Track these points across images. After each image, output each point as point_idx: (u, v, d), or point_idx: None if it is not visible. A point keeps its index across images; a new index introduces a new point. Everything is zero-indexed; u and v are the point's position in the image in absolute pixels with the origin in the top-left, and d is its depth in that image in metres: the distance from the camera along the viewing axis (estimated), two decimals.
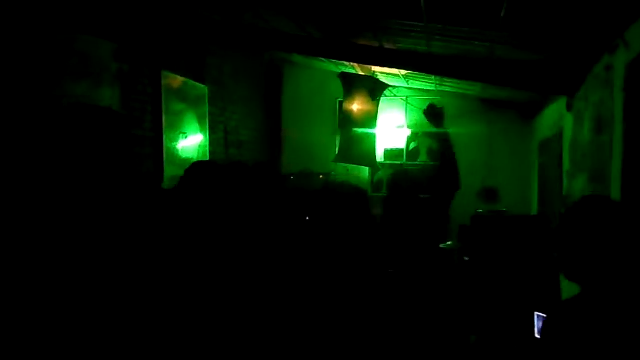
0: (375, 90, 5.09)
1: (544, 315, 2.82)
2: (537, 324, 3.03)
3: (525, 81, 4.08)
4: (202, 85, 4.85)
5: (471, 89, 5.51)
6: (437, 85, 5.64)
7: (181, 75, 4.47)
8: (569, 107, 4.00)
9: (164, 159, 4.19)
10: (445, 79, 5.17)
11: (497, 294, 4.38)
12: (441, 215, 3.70)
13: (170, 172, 4.28)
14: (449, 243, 5.27)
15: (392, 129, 6.31)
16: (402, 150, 6.29)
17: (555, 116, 4.65)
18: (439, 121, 4.24)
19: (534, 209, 5.55)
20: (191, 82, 4.66)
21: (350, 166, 5.85)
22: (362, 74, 5.17)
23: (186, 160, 4.54)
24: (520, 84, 4.13)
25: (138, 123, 3.88)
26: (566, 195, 4.10)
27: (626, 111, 2.82)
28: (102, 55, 3.55)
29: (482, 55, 3.92)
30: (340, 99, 5.69)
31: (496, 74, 4.06)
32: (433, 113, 3.69)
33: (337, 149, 6.01)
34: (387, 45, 4.19)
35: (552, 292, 4.05)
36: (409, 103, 6.30)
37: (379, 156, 6.19)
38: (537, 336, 2.84)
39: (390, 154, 6.32)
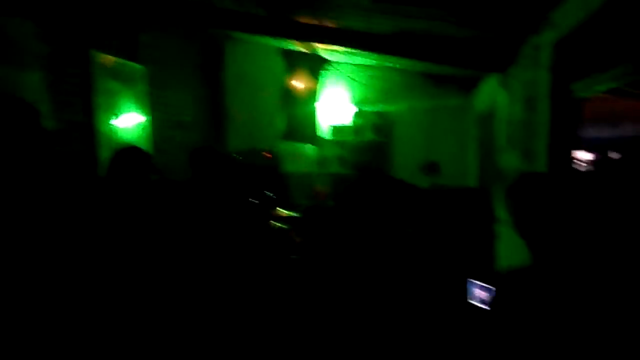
0: (315, 66, 5.07)
1: (477, 282, 2.97)
2: (470, 290, 3.17)
3: (461, 58, 4.16)
4: (138, 65, 4.65)
5: (412, 64, 5.57)
6: (379, 61, 5.66)
7: (113, 55, 4.26)
8: (502, 84, 4.12)
9: (99, 142, 4.02)
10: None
11: (437, 262, 4.57)
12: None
13: (107, 155, 4.13)
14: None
15: (337, 105, 6.31)
16: (347, 126, 6.31)
17: (491, 91, 4.78)
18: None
19: (473, 182, 5.75)
20: (125, 62, 4.46)
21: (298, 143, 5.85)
22: (304, 50, 5.11)
23: (124, 143, 4.39)
24: (456, 61, 4.22)
25: (67, 106, 3.70)
26: (501, 168, 4.27)
27: (553, 91, 2.94)
28: (25, 37, 3.33)
29: (421, 32, 3.96)
30: (284, 72, 5.62)
31: (434, 51, 4.12)
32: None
33: (282, 126, 5.98)
34: (327, 23, 4.16)
35: (488, 260, 4.27)
36: (352, 78, 6.30)
37: (325, 133, 6.20)
38: (470, 301, 2.97)
39: (336, 130, 6.33)
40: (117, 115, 4.30)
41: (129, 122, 4.47)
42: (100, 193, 2.85)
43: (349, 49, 4.54)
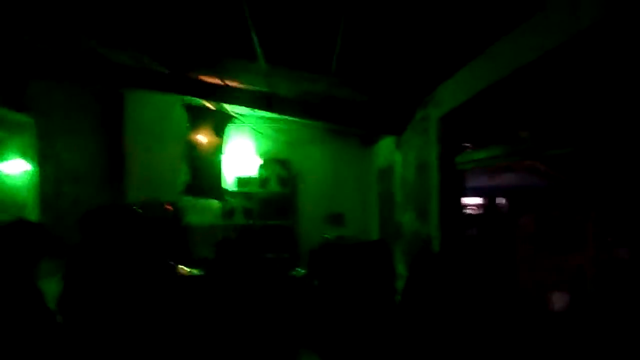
0: (220, 122, 5.06)
1: None
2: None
3: (359, 120, 4.38)
4: (25, 116, 4.34)
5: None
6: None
7: None
8: (398, 146, 4.39)
9: None
10: None
11: (342, 313, 4.63)
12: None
13: None
14: (298, 269, 5.43)
15: (242, 156, 6.31)
16: (253, 178, 6.31)
17: (389, 148, 5.06)
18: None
19: (376, 234, 5.96)
20: (9, 112, 4.14)
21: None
22: (208, 105, 5.09)
23: (10, 202, 4.04)
24: (354, 123, 4.43)
25: None
26: (398, 223, 4.49)
27: (441, 160, 3.18)
28: None
29: (323, 94, 4.13)
30: (187, 124, 5.52)
31: (334, 113, 4.30)
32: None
33: (185, 178, 5.83)
34: (230, 82, 4.19)
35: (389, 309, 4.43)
36: (258, 131, 6.36)
37: (230, 184, 6.14)
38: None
39: (241, 182, 6.29)
40: (1, 171, 3.95)
41: (15, 178, 4.13)
42: None
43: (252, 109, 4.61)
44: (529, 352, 3.27)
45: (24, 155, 4.27)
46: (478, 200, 6.86)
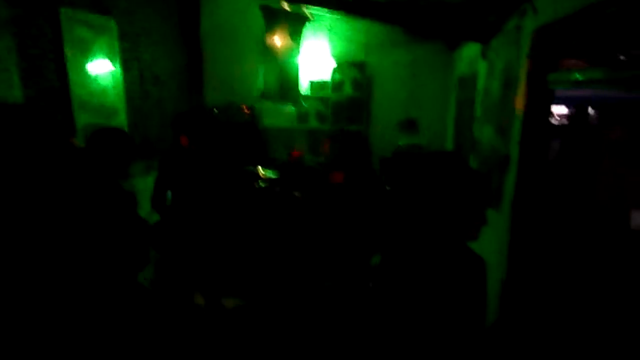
0: (297, 24, 4.92)
1: None
2: None
3: (444, 25, 4.10)
4: (110, 19, 4.45)
5: None
6: None
7: (84, 11, 4.06)
8: (483, 55, 4.11)
9: (74, 107, 3.93)
10: None
11: (410, 223, 4.75)
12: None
13: (84, 120, 4.05)
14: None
15: (317, 59, 6.19)
16: (327, 82, 6.23)
17: (472, 55, 4.75)
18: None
19: (450, 144, 5.83)
20: (96, 16, 4.26)
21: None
22: (285, 6, 4.93)
23: (100, 105, 4.30)
24: (438, 28, 4.16)
25: (38, 73, 3.57)
26: (476, 138, 4.35)
27: (530, 76, 2.96)
28: None
29: None
30: (263, 27, 5.44)
31: (420, 18, 4.04)
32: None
33: (261, 83, 5.88)
34: None
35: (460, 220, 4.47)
36: (334, 32, 6.15)
37: (304, 89, 6.12)
38: None
39: (315, 86, 6.25)
40: (90, 77, 4.17)
41: (102, 82, 4.35)
42: (80, 170, 2.85)
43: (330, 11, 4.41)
44: (605, 267, 3.22)
45: (109, 56, 4.44)
46: (564, 109, 6.41)
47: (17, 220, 2.47)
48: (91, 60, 4.18)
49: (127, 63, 4.77)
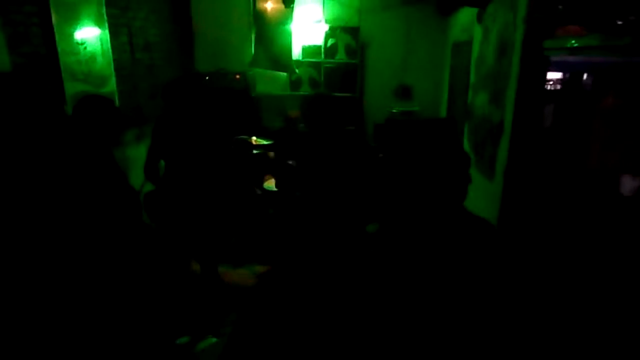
0: None
1: None
2: None
3: None
4: None
5: None
6: None
7: None
8: (479, 19, 4.05)
9: (62, 75, 3.86)
10: None
11: (404, 189, 4.78)
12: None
13: (73, 88, 3.98)
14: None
15: (309, 24, 6.06)
16: (319, 47, 6.12)
17: (467, 20, 4.68)
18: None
19: (444, 110, 5.81)
20: None
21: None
22: None
23: (89, 73, 4.22)
24: None
25: (25, 39, 3.49)
26: (470, 105, 4.33)
27: (526, 42, 2.94)
28: None
29: None
30: None
31: None
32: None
33: (252, 49, 5.78)
34: None
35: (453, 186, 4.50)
36: None
37: (297, 54, 6.02)
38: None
39: (308, 51, 6.14)
40: (79, 44, 4.08)
41: (91, 49, 4.25)
42: (69, 138, 2.83)
43: None
44: (596, 232, 3.28)
45: (97, 23, 4.33)
46: (558, 74, 6.38)
47: (11, 187, 2.46)
48: (79, 27, 4.08)
49: (116, 29, 4.66)
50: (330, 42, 6.14)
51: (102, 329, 2.46)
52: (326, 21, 6.10)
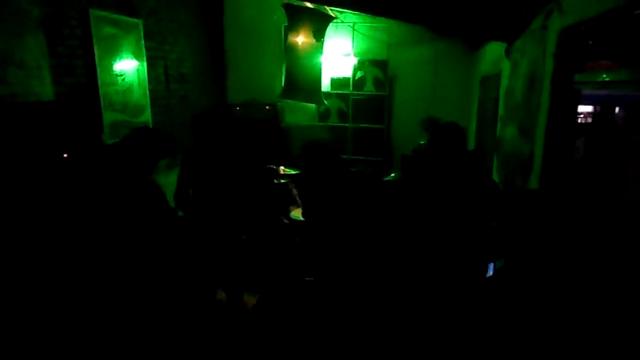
0: (320, 22, 4.94)
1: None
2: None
3: (468, 24, 4.07)
4: (136, 20, 4.54)
5: None
6: None
7: (112, 12, 4.16)
8: (507, 54, 4.07)
9: (101, 105, 4.03)
10: None
11: (431, 223, 4.73)
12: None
13: (110, 118, 4.15)
14: (392, 175, 5.49)
15: (338, 57, 6.20)
16: (348, 79, 6.24)
17: (495, 55, 4.71)
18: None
19: (472, 143, 5.79)
20: (124, 17, 4.35)
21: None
22: (308, 4, 4.96)
23: (126, 103, 4.39)
24: (463, 29, 4.13)
25: (69, 70, 3.68)
26: (499, 137, 4.31)
27: (556, 76, 2.94)
28: (20, 1, 3.25)
29: None
30: (285, 24, 5.48)
31: (442, 16, 4.02)
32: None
33: (282, 81, 5.91)
34: None
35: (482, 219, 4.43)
36: (356, 30, 6.15)
37: (325, 86, 6.13)
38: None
39: (336, 83, 6.27)
40: (117, 75, 4.26)
41: (129, 80, 4.44)
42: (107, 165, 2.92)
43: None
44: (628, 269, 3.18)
45: (135, 55, 4.53)
46: (589, 108, 6.29)
47: (48, 214, 2.55)
48: (118, 60, 4.27)
49: (153, 62, 4.86)
50: (358, 74, 6.25)
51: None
52: (355, 54, 6.23)
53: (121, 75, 4.31)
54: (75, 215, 2.44)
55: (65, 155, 3.26)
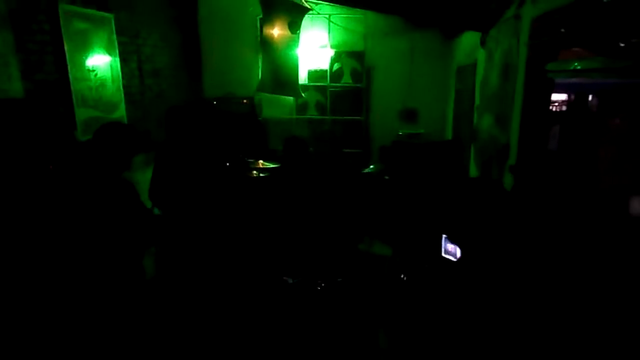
0: (295, 14, 4.89)
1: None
2: (444, 245, 3.35)
3: (442, 13, 4.09)
4: (108, 14, 4.44)
5: None
6: None
7: (82, 6, 4.05)
8: (482, 43, 4.10)
9: (74, 101, 3.93)
10: None
11: (410, 211, 4.77)
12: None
13: (83, 114, 4.06)
14: (372, 167, 5.51)
15: (315, 49, 6.17)
16: (325, 71, 6.22)
17: (471, 44, 4.74)
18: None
19: (449, 133, 5.84)
20: (94, 11, 4.25)
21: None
22: None
23: (99, 99, 4.30)
24: (436, 17, 4.14)
25: (38, 67, 3.58)
26: (476, 127, 4.36)
27: (529, 64, 2.97)
28: None
29: None
30: (260, 17, 5.42)
31: (418, 9, 4.03)
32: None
33: (259, 74, 5.86)
34: None
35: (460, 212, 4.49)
36: (333, 22, 6.13)
37: (303, 78, 6.10)
38: (444, 255, 3.13)
39: (314, 75, 6.24)
40: (90, 71, 4.17)
41: (102, 76, 4.34)
42: (81, 162, 2.86)
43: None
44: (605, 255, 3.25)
45: (108, 51, 4.44)
46: (563, 96, 6.40)
47: (21, 215, 2.49)
48: (90, 55, 4.18)
49: (126, 56, 4.76)
50: (336, 66, 6.24)
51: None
52: (332, 46, 6.20)
53: (93, 70, 4.22)
54: (44, 216, 2.38)
55: (50, 167, 3.18)
